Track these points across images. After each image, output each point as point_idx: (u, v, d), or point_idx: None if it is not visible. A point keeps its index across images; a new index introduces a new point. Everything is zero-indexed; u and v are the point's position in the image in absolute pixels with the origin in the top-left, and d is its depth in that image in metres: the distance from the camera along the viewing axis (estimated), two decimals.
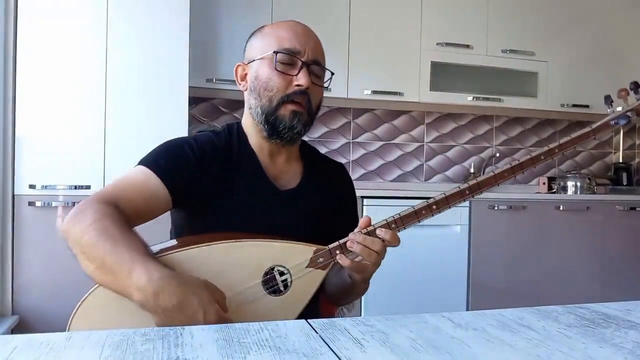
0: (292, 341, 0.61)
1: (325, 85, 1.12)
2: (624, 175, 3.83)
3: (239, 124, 1.15)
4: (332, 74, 1.12)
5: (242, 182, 1.07)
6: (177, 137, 1.09)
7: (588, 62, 3.46)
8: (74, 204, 2.27)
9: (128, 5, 2.34)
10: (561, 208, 3.11)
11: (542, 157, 1.06)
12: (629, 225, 3.24)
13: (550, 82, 3.39)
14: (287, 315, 0.93)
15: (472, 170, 3.56)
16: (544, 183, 3.64)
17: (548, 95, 3.41)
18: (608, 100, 1.07)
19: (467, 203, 2.92)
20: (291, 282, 0.95)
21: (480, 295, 2.92)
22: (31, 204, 2.25)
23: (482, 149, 3.70)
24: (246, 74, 1.11)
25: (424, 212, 1.01)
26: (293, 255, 0.96)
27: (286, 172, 1.13)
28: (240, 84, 1.12)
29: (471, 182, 1.04)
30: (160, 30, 2.38)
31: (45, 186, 2.26)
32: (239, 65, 1.12)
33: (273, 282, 0.95)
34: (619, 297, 3.12)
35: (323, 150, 3.33)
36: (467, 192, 1.04)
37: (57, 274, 2.23)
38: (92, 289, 0.88)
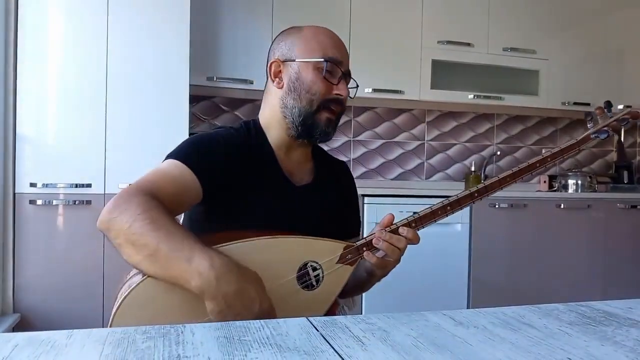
0: (293, 339, 0.61)
1: (352, 96, 1.18)
2: (625, 173, 3.83)
3: (254, 121, 1.17)
4: (358, 85, 1.19)
5: (260, 177, 1.09)
6: (200, 133, 1.12)
7: (589, 60, 3.45)
8: (74, 202, 2.27)
9: (128, 4, 2.33)
10: (562, 206, 3.11)
11: (538, 165, 1.15)
12: (630, 223, 3.23)
13: (551, 80, 3.39)
14: (317, 308, 0.98)
15: (472, 169, 3.56)
16: (544, 181, 3.64)
17: (549, 93, 3.40)
18: (588, 116, 1.22)
19: None
20: (323, 277, 0.99)
21: (481, 293, 2.92)
22: (32, 202, 2.25)
23: (483, 147, 3.70)
24: (280, 71, 1.12)
25: (439, 212, 1.09)
26: (324, 252, 1.00)
27: (300, 169, 1.17)
28: (273, 80, 1.14)
29: (480, 186, 1.12)
30: (161, 29, 2.38)
31: (46, 184, 2.26)
32: (273, 62, 1.14)
33: (307, 277, 0.99)
34: (620, 295, 3.12)
35: (324, 148, 3.33)
36: (476, 194, 1.12)
37: (58, 272, 2.23)
38: (129, 289, 0.88)
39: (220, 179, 1.03)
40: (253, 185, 1.08)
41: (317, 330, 0.65)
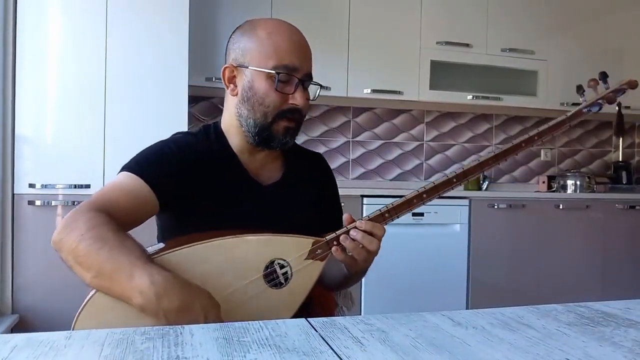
0: (292, 340, 0.61)
1: (314, 99, 1.12)
2: (624, 173, 3.84)
3: (216, 124, 1.14)
4: (321, 86, 1.13)
5: (224, 180, 1.07)
6: (156, 141, 1.09)
7: (588, 60, 3.46)
8: (73, 203, 2.27)
9: (127, 4, 2.34)
10: (561, 207, 3.11)
11: (523, 145, 1.09)
12: (629, 223, 3.24)
13: (550, 80, 3.39)
14: (289, 307, 0.94)
15: None
16: (543, 182, 3.65)
17: (548, 94, 3.41)
18: (580, 89, 1.13)
19: (466, 202, 2.93)
20: (292, 274, 0.96)
21: (480, 294, 2.93)
22: (31, 203, 2.25)
23: (481, 147, 3.70)
24: (234, 77, 1.08)
25: (415, 200, 1.03)
26: (292, 248, 0.97)
27: (268, 167, 1.13)
28: (227, 87, 1.09)
29: (458, 171, 1.06)
30: (160, 29, 2.38)
31: (45, 185, 2.26)
32: (226, 68, 1.09)
33: (274, 276, 0.95)
34: (618, 296, 3.13)
35: (322, 148, 3.34)
36: (455, 180, 1.05)
37: (56, 273, 2.23)
38: (94, 291, 0.88)
39: (176, 186, 1.02)
40: (217, 189, 1.06)
41: (316, 331, 0.65)
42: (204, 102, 3.15)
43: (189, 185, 1.03)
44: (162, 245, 0.98)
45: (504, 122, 3.75)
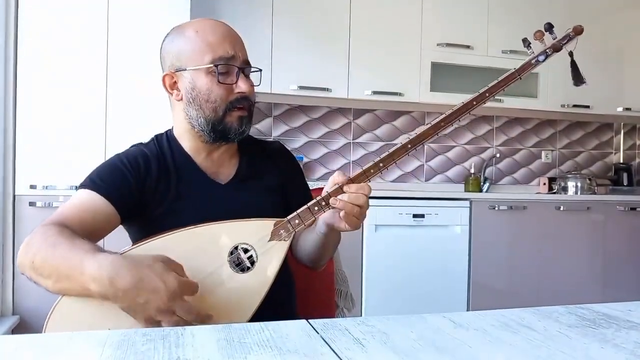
0: (292, 341, 0.61)
1: (257, 84, 1.13)
2: (625, 175, 3.83)
3: (168, 132, 1.17)
4: (260, 70, 1.13)
5: (182, 185, 1.09)
6: (112, 155, 1.11)
7: (589, 62, 3.43)
8: None
9: (128, 5, 2.34)
10: (562, 208, 3.11)
11: (475, 103, 1.10)
12: (630, 225, 3.24)
13: (550, 82, 3.40)
14: (259, 289, 0.95)
15: (472, 171, 3.56)
16: (544, 183, 3.65)
17: (548, 95, 3.41)
18: (526, 42, 1.16)
19: (467, 203, 2.92)
20: (257, 257, 0.97)
21: (481, 296, 2.92)
22: (32, 204, 2.25)
23: (482, 149, 3.70)
24: (175, 82, 1.09)
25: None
26: (254, 232, 0.98)
27: (225, 166, 1.14)
28: (171, 93, 1.11)
29: (412, 136, 1.09)
30: (161, 30, 2.37)
31: (46, 186, 2.26)
32: (166, 75, 1.10)
33: (239, 260, 0.96)
34: (619, 298, 3.12)
35: (323, 150, 3.34)
36: (409, 145, 1.10)
37: None
38: (60, 297, 0.90)
39: (133, 197, 1.04)
40: (175, 194, 1.07)
41: (317, 333, 0.65)
42: None
43: (146, 193, 1.06)
44: (129, 247, 0.99)
45: (504, 124, 3.75)
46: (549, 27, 1.13)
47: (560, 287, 3.08)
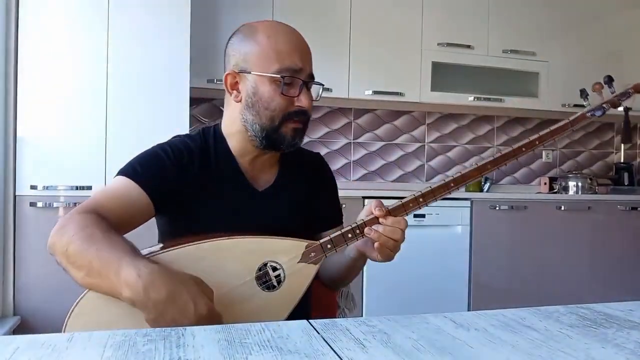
0: (293, 342, 0.61)
1: (317, 99, 1.11)
2: (625, 175, 3.83)
3: (215, 127, 1.14)
4: (323, 86, 1.13)
5: (220, 184, 1.07)
6: (153, 145, 1.09)
7: (589, 62, 3.46)
8: (75, 204, 2.27)
9: (129, 6, 2.34)
10: (562, 208, 3.11)
11: (524, 149, 1.08)
12: (630, 225, 3.23)
13: (551, 82, 3.39)
14: (281, 310, 0.94)
15: None
16: (545, 183, 3.64)
17: (549, 95, 3.41)
18: (583, 93, 1.12)
19: (468, 203, 2.92)
20: (284, 277, 0.96)
21: (482, 296, 2.92)
22: (32, 204, 2.25)
23: (483, 149, 3.70)
24: (237, 83, 1.06)
25: (411, 204, 1.02)
26: (285, 251, 0.97)
27: (265, 172, 1.13)
28: (230, 93, 1.07)
29: (456, 175, 1.06)
30: (161, 31, 2.39)
31: (47, 187, 2.26)
32: (228, 74, 1.07)
33: (266, 278, 0.95)
34: (620, 297, 3.12)
35: (324, 150, 3.34)
36: (452, 184, 1.06)
37: (58, 275, 2.21)
38: (86, 291, 0.90)
39: (171, 190, 1.02)
40: (213, 193, 1.06)
41: (318, 333, 0.65)
42: (205, 103, 3.15)
43: (184, 189, 1.04)
44: (160, 245, 0.98)
45: (505, 124, 3.75)
46: (609, 80, 1.10)
47: (561, 287, 3.08)
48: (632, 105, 3.73)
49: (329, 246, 0.98)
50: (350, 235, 0.98)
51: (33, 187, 2.25)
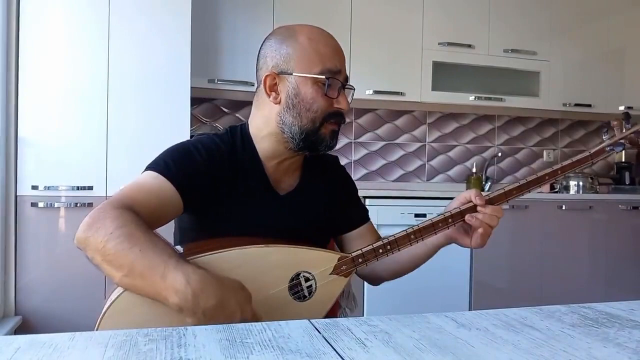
0: (295, 341, 0.61)
1: (350, 102, 1.12)
2: (627, 174, 3.83)
3: (243, 127, 1.12)
4: (354, 89, 1.14)
5: (245, 186, 1.07)
6: (182, 141, 1.07)
7: (590, 61, 3.45)
8: (76, 204, 2.27)
9: (129, 7, 2.34)
10: (564, 207, 3.11)
11: (547, 177, 1.13)
12: (632, 224, 3.23)
13: (552, 81, 3.39)
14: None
15: (474, 170, 3.56)
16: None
17: (550, 94, 3.40)
18: (604, 128, 1.19)
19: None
20: (316, 288, 0.97)
21: (483, 295, 2.92)
22: (34, 204, 2.26)
23: (484, 148, 3.70)
24: (276, 84, 1.05)
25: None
26: (318, 262, 0.98)
27: (288, 176, 1.13)
28: (269, 95, 1.05)
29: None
30: (162, 31, 2.39)
31: (48, 187, 2.26)
32: (268, 75, 1.05)
33: (298, 288, 0.96)
34: (622, 297, 3.11)
35: None
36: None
37: (60, 275, 2.23)
38: (122, 290, 0.87)
39: (201, 189, 1.01)
40: (238, 194, 1.06)
41: (319, 333, 0.65)
42: (206, 103, 3.15)
43: (213, 188, 1.03)
44: (179, 248, 0.97)
45: (506, 123, 3.74)
46: (626, 117, 1.17)
47: (563, 286, 3.08)
48: (634, 105, 3.72)
49: (360, 260, 1.00)
50: (381, 251, 1.01)
51: (34, 188, 2.25)
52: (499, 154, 3.69)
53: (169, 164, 0.99)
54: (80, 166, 2.30)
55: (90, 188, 2.29)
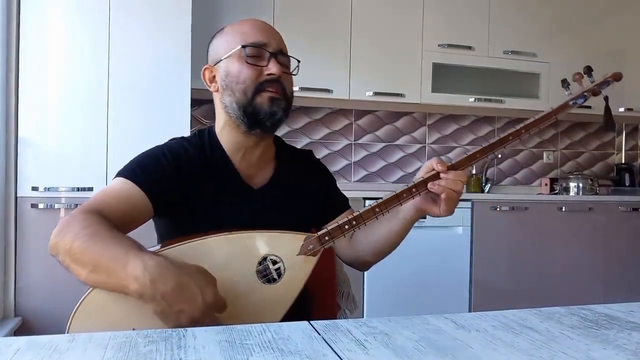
0: (294, 343, 0.61)
1: (294, 73, 1.14)
2: (626, 176, 3.83)
3: (210, 129, 1.16)
4: (299, 61, 1.15)
5: (217, 185, 1.09)
6: (153, 147, 1.11)
7: (590, 62, 3.41)
8: (76, 205, 2.27)
9: (130, 7, 2.34)
10: (563, 209, 3.11)
11: (510, 138, 1.10)
12: (631, 226, 3.23)
13: (552, 83, 3.39)
14: (283, 302, 0.96)
15: (473, 171, 3.56)
16: (546, 184, 3.64)
17: (550, 96, 3.40)
18: (565, 83, 1.18)
19: (469, 204, 2.92)
20: (284, 270, 0.97)
21: (483, 297, 2.92)
22: (34, 205, 2.25)
23: None
24: (214, 76, 1.12)
25: (404, 195, 1.05)
26: (284, 244, 0.98)
27: (261, 170, 1.15)
28: (210, 87, 1.14)
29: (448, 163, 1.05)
30: (162, 32, 2.39)
31: (48, 188, 2.26)
32: (206, 69, 1.14)
33: (267, 272, 0.97)
34: (621, 299, 3.12)
35: (325, 151, 3.34)
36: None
37: (59, 276, 2.22)
38: (89, 291, 0.90)
39: (170, 192, 1.04)
40: (210, 194, 1.08)
41: (319, 334, 0.65)
42: (206, 104, 3.15)
43: (183, 190, 1.06)
44: (160, 246, 0.99)
45: (506, 125, 3.74)
46: (588, 71, 1.16)
47: (562, 288, 3.08)
48: (634, 106, 3.73)
49: (326, 238, 1.00)
50: (347, 227, 1.00)
51: (34, 189, 2.25)
52: (499, 156, 3.69)
53: (136, 169, 1.03)
54: (80, 167, 2.30)
55: (91, 189, 2.29)
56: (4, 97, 2.22)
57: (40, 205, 2.26)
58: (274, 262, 0.97)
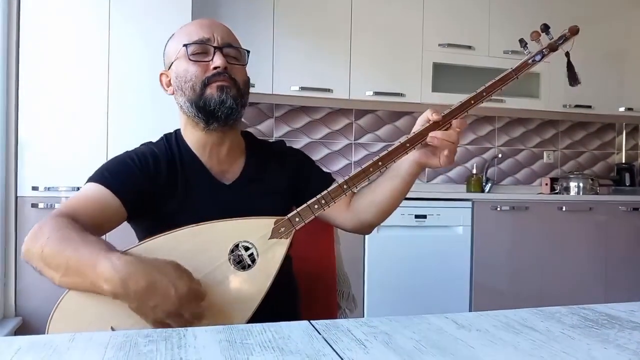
0: (295, 342, 0.61)
1: (244, 64, 1.14)
2: (627, 175, 3.83)
3: (176, 132, 1.19)
4: (248, 52, 1.15)
5: (188, 184, 1.11)
6: (122, 152, 1.14)
7: (590, 62, 3.45)
8: None
9: (130, 6, 2.34)
10: (564, 209, 3.11)
11: (472, 102, 1.13)
12: (632, 225, 3.23)
13: (552, 82, 3.39)
14: (260, 287, 0.96)
15: (474, 171, 3.56)
16: (546, 184, 3.64)
17: (550, 96, 3.40)
18: (522, 42, 1.18)
19: (469, 204, 2.92)
20: (258, 255, 0.98)
21: (483, 296, 2.92)
22: (34, 205, 2.25)
23: (484, 149, 3.70)
24: (169, 80, 1.15)
25: (371, 169, 1.07)
26: (254, 230, 0.99)
27: (231, 165, 1.16)
28: (167, 91, 1.17)
29: (410, 135, 1.09)
30: (162, 32, 2.37)
31: (48, 188, 2.26)
32: (162, 74, 1.17)
33: (240, 258, 0.97)
34: (622, 298, 3.11)
35: (325, 151, 3.34)
36: (408, 144, 1.11)
37: None
38: (65, 292, 0.91)
39: (141, 193, 1.06)
40: (181, 193, 1.09)
41: (319, 334, 0.65)
42: None
43: (154, 192, 1.07)
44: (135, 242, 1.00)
45: (506, 124, 3.74)
46: (545, 28, 1.16)
47: (563, 287, 3.07)
48: (634, 106, 3.72)
49: (297, 219, 1.00)
50: (316, 207, 1.00)
51: (34, 188, 2.25)
52: (499, 155, 3.69)
53: (105, 173, 1.06)
54: (80, 167, 2.27)
55: None
56: (4, 98, 2.22)
57: (41, 205, 2.26)
58: (246, 249, 0.98)
